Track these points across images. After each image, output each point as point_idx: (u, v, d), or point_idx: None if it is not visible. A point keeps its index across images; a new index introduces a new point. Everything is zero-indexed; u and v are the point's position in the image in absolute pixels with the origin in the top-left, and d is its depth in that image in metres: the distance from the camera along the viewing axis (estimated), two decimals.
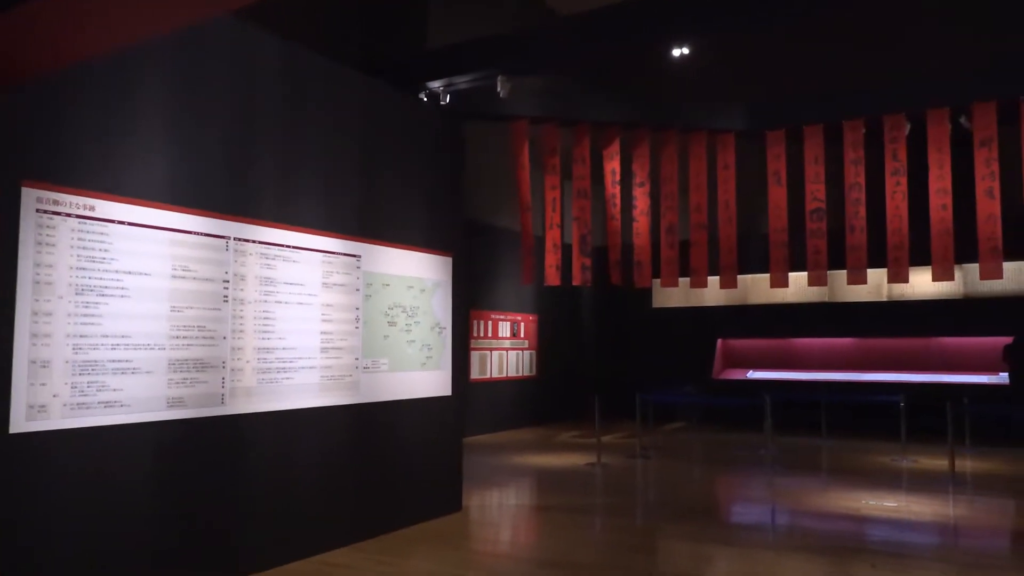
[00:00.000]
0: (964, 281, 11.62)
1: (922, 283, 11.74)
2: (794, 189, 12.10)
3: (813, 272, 11.68)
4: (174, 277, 4.81)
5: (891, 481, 8.13)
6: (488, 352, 12.26)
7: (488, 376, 12.21)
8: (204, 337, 4.96)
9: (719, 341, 13.41)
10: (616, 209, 11.93)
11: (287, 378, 5.51)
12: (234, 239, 5.18)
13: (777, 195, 11.98)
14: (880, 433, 11.18)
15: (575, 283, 11.90)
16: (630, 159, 12.24)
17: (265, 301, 5.39)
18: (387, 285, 6.46)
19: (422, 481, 6.66)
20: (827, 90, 12.38)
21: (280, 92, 5.57)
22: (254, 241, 5.32)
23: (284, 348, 5.51)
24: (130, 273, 4.58)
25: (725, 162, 12.27)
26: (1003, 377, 10.84)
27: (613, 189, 11.94)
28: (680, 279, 12.40)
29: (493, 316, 12.43)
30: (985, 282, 11.54)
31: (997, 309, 11.37)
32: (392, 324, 6.50)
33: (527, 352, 13.08)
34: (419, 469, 6.62)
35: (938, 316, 11.79)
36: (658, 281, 12.66)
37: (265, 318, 5.39)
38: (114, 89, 4.50)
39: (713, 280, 12.71)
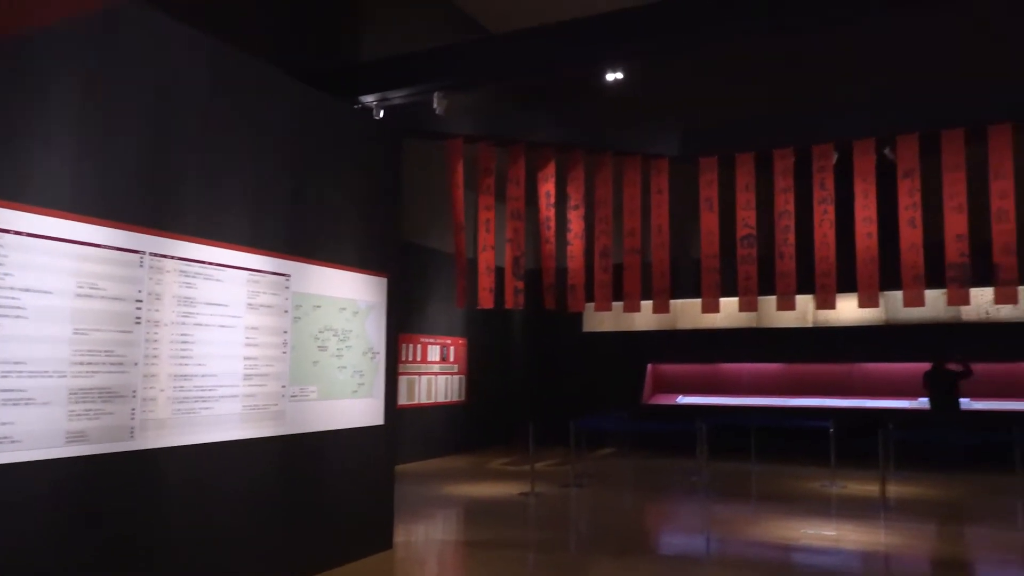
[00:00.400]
0: (886, 308, 11.91)
1: (846, 309, 11.98)
2: (726, 215, 12.20)
3: (744, 297, 11.76)
4: (79, 296, 4.28)
5: (825, 508, 8.11)
6: (416, 377, 11.84)
7: (416, 402, 11.78)
8: (112, 363, 4.43)
9: (649, 366, 13.37)
10: (550, 232, 11.75)
11: (206, 408, 5.00)
12: (149, 254, 4.67)
13: (709, 221, 12.05)
14: (809, 458, 11.27)
15: (507, 306, 11.63)
16: (565, 181, 12.12)
17: (183, 323, 4.88)
18: (318, 307, 6.02)
19: (351, 518, 6.20)
20: (758, 119, 12.57)
21: (203, 93, 5.10)
22: (172, 257, 4.83)
23: (203, 375, 5.00)
24: (28, 291, 4.04)
25: (659, 187, 12.28)
26: (923, 402, 11.10)
27: (547, 211, 11.77)
28: (614, 303, 12.31)
29: (422, 340, 12.04)
30: (905, 309, 11.85)
31: (917, 335, 11.69)
32: (323, 349, 6.05)
33: (456, 377, 12.71)
34: (348, 505, 6.16)
35: (861, 342, 12.05)
36: (591, 305, 12.53)
37: (183, 342, 4.88)
38: (11, 84, 3.99)
39: (645, 304, 12.67)
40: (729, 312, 12.82)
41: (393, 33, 11.58)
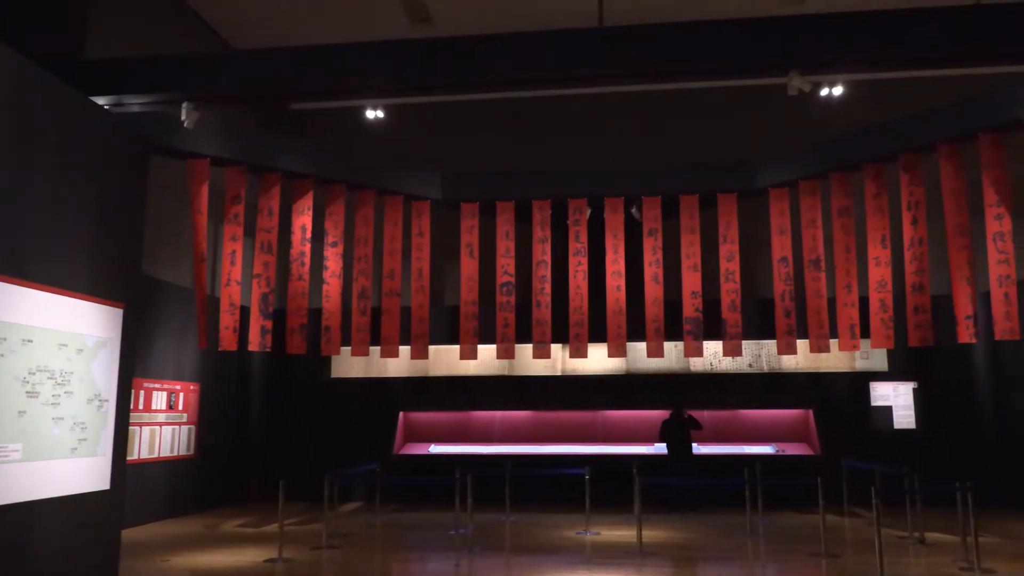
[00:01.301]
0: (627, 358, 12.61)
1: (592, 359, 12.48)
2: (485, 262, 12.22)
3: (502, 344, 11.78)
4: None
5: (588, 556, 8.12)
6: (138, 428, 10.17)
7: (136, 457, 10.08)
8: None
9: (401, 414, 12.84)
10: (304, 269, 10.89)
11: None
12: None
13: (469, 266, 11.98)
14: (562, 505, 11.41)
15: (252, 348, 10.50)
16: (323, 216, 11.36)
17: None
18: (28, 341, 4.75)
19: None
20: (520, 171, 12.86)
21: None
22: None
23: None
24: None
25: (420, 229, 11.99)
26: (659, 447, 11.80)
27: (302, 247, 10.91)
28: (371, 348, 11.68)
29: (146, 384, 10.41)
30: (643, 360, 12.64)
31: (654, 385, 12.50)
32: (33, 395, 4.77)
33: (186, 427, 11.16)
34: None
35: (605, 391, 12.61)
36: (347, 349, 11.77)
37: None
38: None
39: (400, 350, 12.19)
40: (481, 359, 12.78)
41: (128, 32, 10.13)
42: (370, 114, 12.69)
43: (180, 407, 11.06)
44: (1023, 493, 11.17)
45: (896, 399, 12.24)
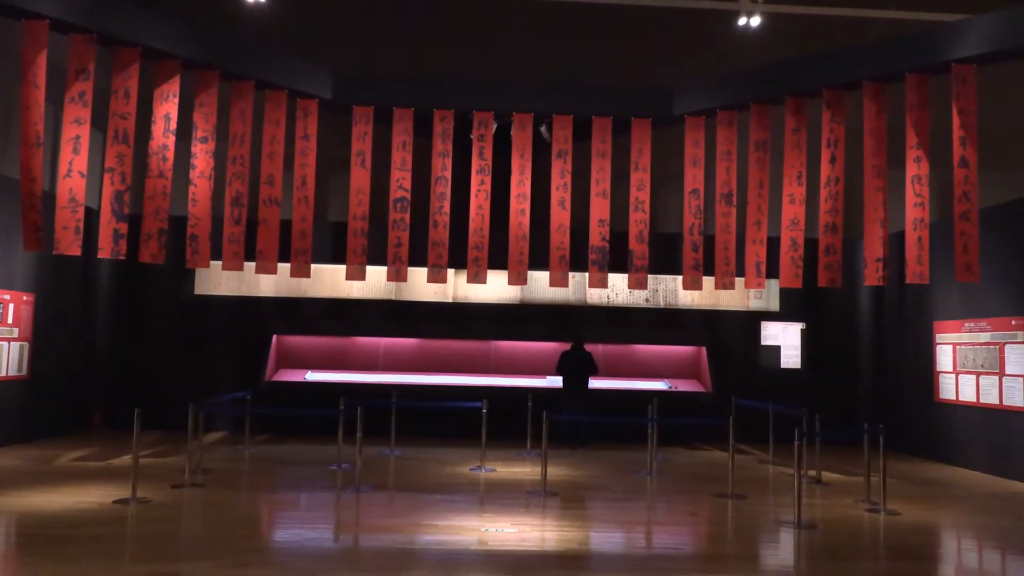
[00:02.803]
0: (521, 287, 11.93)
1: (486, 287, 11.73)
2: (378, 175, 11.07)
3: (393, 266, 10.78)
4: None
5: (487, 496, 7.48)
6: None
7: None
8: None
9: (274, 338, 11.63)
10: (166, 165, 9.37)
11: None
12: None
13: (359, 178, 10.80)
14: (444, 439, 10.75)
15: (103, 255, 8.98)
16: (191, 107, 9.79)
17: None
18: None
19: None
20: (421, 75, 11.67)
21: None
22: None
23: None
24: None
25: (306, 132, 10.65)
26: (552, 380, 11.31)
27: (164, 139, 9.36)
28: (246, 263, 10.35)
29: None
30: (539, 290, 12.02)
31: (549, 316, 11.92)
32: None
33: (17, 344, 9.50)
34: None
35: (498, 321, 11.91)
36: (218, 265, 10.40)
37: None
38: None
39: (282, 267, 10.94)
40: (365, 282, 11.74)
41: None
42: None
43: (9, 320, 9.40)
44: (899, 436, 11.57)
45: (785, 339, 12.31)
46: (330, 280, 11.99)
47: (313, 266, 10.88)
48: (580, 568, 5.21)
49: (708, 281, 10.99)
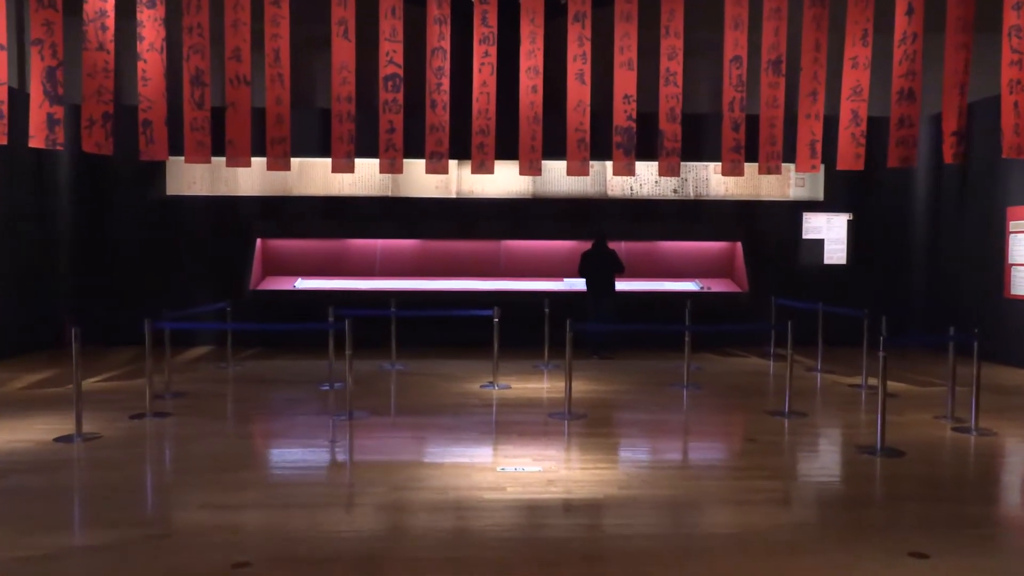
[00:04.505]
0: (534, 179, 10.53)
1: (493, 179, 10.33)
2: (367, 49, 9.49)
3: (386, 155, 9.37)
4: None
5: (503, 419, 6.37)
6: None
7: None
8: None
9: (258, 242, 10.36)
10: (107, 36, 7.84)
11: None
12: None
13: (343, 51, 9.24)
14: (449, 350, 9.63)
15: (35, 144, 7.60)
16: None
17: None
18: None
19: None
20: None
21: None
22: None
23: None
24: None
25: None
26: (571, 283, 10.08)
27: (103, 3, 7.79)
28: (214, 157, 8.96)
29: None
30: (553, 181, 10.61)
31: (567, 212, 10.56)
32: None
33: None
34: None
35: (507, 218, 10.57)
36: (190, 161, 9.00)
37: None
38: None
39: (256, 161, 9.54)
40: (359, 176, 10.35)
41: None
42: None
43: None
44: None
45: (829, 232, 10.97)
46: (321, 177, 10.57)
47: (300, 161, 9.48)
48: (630, 527, 4.05)
49: (747, 168, 9.55)
